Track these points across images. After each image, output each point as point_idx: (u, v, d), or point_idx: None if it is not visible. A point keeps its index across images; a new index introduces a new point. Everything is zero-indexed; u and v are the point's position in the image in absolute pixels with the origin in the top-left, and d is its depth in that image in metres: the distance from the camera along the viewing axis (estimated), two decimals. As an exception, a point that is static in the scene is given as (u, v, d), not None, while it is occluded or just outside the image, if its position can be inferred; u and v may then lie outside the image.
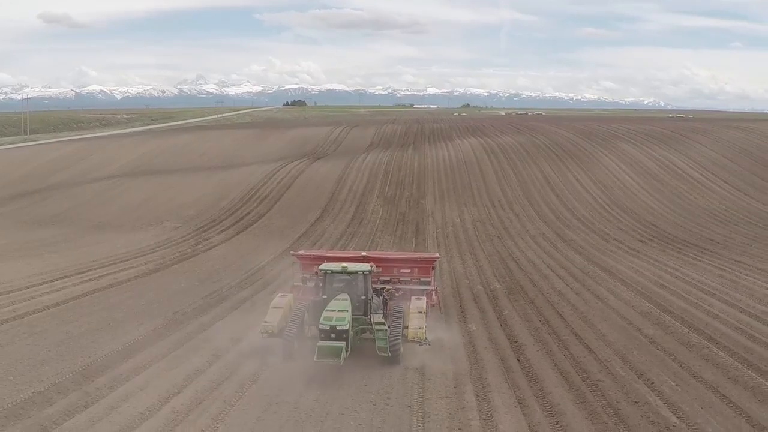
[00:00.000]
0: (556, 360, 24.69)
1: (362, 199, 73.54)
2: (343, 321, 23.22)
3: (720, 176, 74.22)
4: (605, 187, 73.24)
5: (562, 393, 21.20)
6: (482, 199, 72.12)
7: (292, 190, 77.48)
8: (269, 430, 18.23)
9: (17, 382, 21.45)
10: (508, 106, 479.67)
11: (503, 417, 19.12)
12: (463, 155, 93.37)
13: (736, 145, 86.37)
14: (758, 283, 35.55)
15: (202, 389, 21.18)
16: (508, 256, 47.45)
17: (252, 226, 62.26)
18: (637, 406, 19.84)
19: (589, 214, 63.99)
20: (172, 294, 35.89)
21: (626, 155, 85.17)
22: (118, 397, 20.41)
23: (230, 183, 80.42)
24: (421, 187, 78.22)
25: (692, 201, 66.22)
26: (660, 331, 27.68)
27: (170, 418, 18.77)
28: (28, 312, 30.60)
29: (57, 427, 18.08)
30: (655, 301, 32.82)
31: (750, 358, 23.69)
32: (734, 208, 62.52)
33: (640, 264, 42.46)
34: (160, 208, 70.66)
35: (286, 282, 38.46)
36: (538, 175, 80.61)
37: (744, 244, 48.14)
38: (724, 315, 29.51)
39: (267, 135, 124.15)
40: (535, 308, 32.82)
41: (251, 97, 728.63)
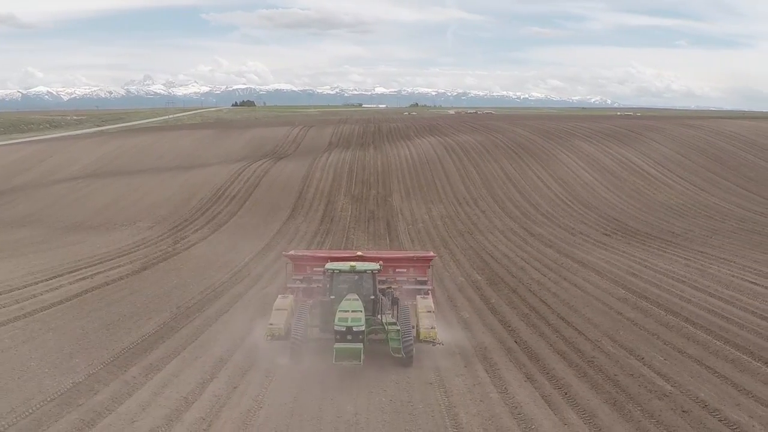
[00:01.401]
0: (551, 341, 26.76)
1: (330, 197, 75.08)
2: (359, 322, 22.88)
3: (675, 172, 77.44)
4: (566, 184, 75.84)
5: (563, 369, 23.28)
6: (448, 197, 74.14)
7: (259, 189, 78.65)
8: (308, 407, 19.82)
9: (54, 373, 22.62)
10: (456, 105, 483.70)
11: (517, 390, 21.10)
12: (424, 154, 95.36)
13: (689, 143, 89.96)
14: (723, 271, 38.11)
15: (233, 375, 22.69)
16: (482, 250, 49.41)
17: (225, 225, 63.28)
18: (633, 378, 22.00)
19: (553, 209, 66.40)
20: (168, 290, 37.08)
21: (583, 153, 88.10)
22: (157, 384, 21.82)
23: (197, 183, 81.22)
24: (387, 186, 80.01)
25: (650, 196, 69.16)
26: (640, 315, 29.96)
27: (213, 401, 20.28)
28: (36, 310, 31.52)
29: (110, 412, 19.39)
30: (629, 288, 35.12)
31: (726, 335, 26.05)
32: (691, 203, 65.56)
33: (609, 255, 44.79)
34: (130, 208, 71.28)
35: (274, 278, 40.73)
36: (500, 172, 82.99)
37: (704, 237, 50.87)
38: (696, 299, 31.90)
39: (225, 135, 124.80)
40: (519, 297, 34.86)
41: (199, 97, 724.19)
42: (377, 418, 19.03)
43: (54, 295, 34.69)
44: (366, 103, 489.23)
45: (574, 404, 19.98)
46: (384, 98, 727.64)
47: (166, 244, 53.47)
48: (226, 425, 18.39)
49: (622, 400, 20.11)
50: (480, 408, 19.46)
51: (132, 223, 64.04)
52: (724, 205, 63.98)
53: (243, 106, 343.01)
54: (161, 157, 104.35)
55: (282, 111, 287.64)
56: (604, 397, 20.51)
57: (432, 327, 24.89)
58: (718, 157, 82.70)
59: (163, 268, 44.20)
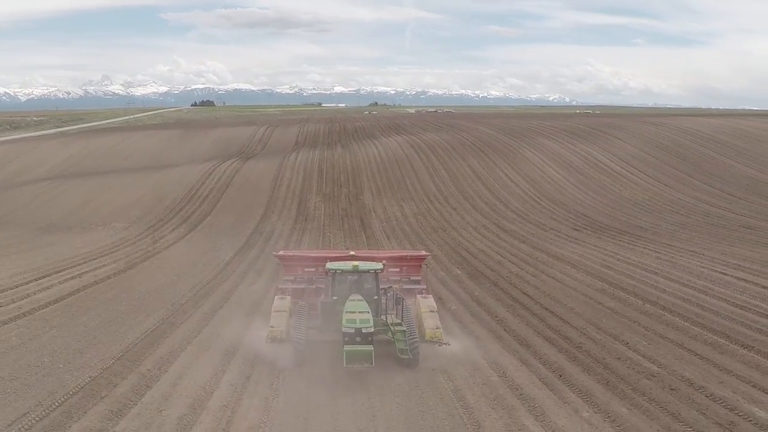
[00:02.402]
0: (538, 329, 28.24)
1: (302, 196, 75.99)
2: (368, 323, 22.39)
3: (640, 169, 79.75)
4: (533, 181, 77.65)
5: (554, 354, 24.76)
6: (418, 194, 75.49)
7: (231, 189, 79.27)
8: (324, 392, 20.93)
9: (69, 369, 23.44)
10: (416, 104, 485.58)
11: (515, 373, 22.52)
12: (392, 152, 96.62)
13: (652, 140, 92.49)
14: (693, 262, 40.00)
15: (243, 366, 23.64)
16: (458, 246, 50.77)
17: (201, 225, 63.84)
18: (621, 361, 23.55)
19: (522, 206, 68.10)
20: (157, 288, 37.80)
21: (549, 150, 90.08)
22: (173, 376, 22.81)
23: (168, 183, 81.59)
24: (358, 184, 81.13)
25: (617, 192, 71.25)
26: (619, 304, 31.61)
27: (232, 389, 21.34)
28: (34, 309, 32.13)
29: (135, 403, 20.33)
30: (605, 279, 36.80)
31: (703, 321, 27.81)
32: (657, 199, 67.72)
33: (582, 250, 46.52)
34: (104, 209, 71.44)
35: (259, 275, 41.81)
36: (468, 170, 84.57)
37: (672, 231, 52.86)
38: (671, 289, 33.65)
39: (191, 135, 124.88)
40: (501, 289, 36.29)
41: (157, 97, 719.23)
42: (390, 401, 20.18)
43: (48, 294, 35.29)
44: (325, 103, 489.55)
45: (570, 385, 21.45)
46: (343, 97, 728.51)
47: (146, 244, 53.98)
48: (250, 411, 19.42)
49: (614, 381, 21.63)
50: (484, 390, 20.78)
51: (107, 224, 64.32)
52: (689, 200, 66.25)
53: (203, 106, 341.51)
54: (128, 158, 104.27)
55: (242, 111, 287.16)
56: (597, 378, 22.01)
57: (437, 327, 24.80)
58: (681, 154, 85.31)
59: (147, 267, 44.83)
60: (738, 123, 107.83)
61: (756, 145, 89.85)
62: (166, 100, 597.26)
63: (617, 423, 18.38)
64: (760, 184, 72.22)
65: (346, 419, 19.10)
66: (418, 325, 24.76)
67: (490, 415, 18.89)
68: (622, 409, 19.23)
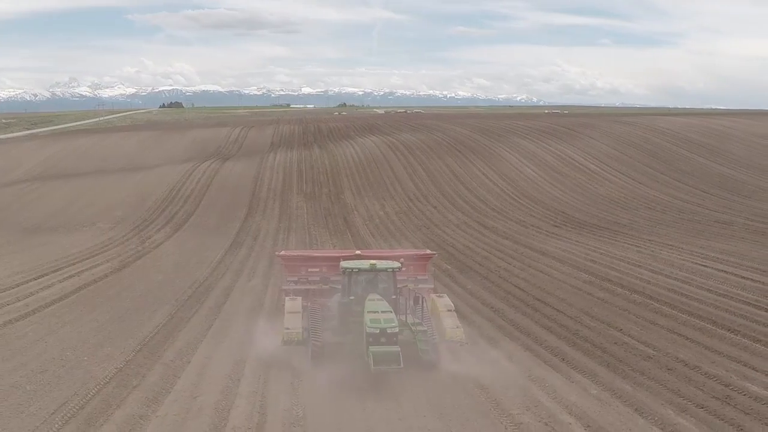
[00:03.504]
0: (535, 319, 29.76)
1: (283, 196, 77.01)
2: (392, 322, 21.84)
3: (614, 167, 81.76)
4: (510, 180, 79.30)
5: (554, 340, 26.31)
6: (398, 193, 76.79)
7: (212, 189, 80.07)
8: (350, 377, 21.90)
9: (95, 361, 24.58)
10: (383, 105, 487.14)
11: (521, 357, 24.06)
12: (370, 152, 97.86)
13: (625, 139, 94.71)
14: (674, 255, 41.82)
15: (263, 354, 24.66)
16: (443, 242, 52.10)
17: (186, 224, 64.61)
18: (618, 345, 25.15)
19: (501, 204, 69.68)
20: (157, 286, 38.82)
21: (525, 150, 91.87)
22: (197, 365, 24.05)
23: (149, 184, 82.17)
24: (338, 184, 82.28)
25: (593, 190, 73.13)
26: (608, 294, 33.24)
27: (257, 376, 22.55)
28: (42, 306, 33.07)
29: (168, 391, 21.50)
30: (591, 272, 38.42)
31: (689, 309, 29.54)
32: (632, 196, 69.66)
33: (565, 245, 48.12)
34: (87, 210, 71.84)
35: (253, 272, 42.93)
36: (446, 170, 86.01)
37: (649, 227, 54.69)
38: (655, 280, 35.36)
39: (167, 137, 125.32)
40: (492, 283, 37.74)
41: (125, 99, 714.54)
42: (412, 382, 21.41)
43: (51, 293, 36.19)
44: (293, 104, 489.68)
45: (574, 367, 22.99)
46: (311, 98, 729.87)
47: (134, 244, 54.76)
48: (280, 396, 20.57)
49: (614, 363, 23.21)
50: (495, 372, 22.14)
51: (92, 225, 64.80)
52: (664, 197, 68.28)
53: (171, 108, 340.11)
54: (105, 159, 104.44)
55: (211, 112, 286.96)
56: (598, 360, 23.59)
57: (457, 326, 24.04)
58: (653, 152, 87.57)
59: (141, 266, 45.70)
60: (707, 122, 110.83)
61: (725, 143, 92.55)
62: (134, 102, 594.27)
63: (623, 399, 19.91)
64: (731, 181, 74.63)
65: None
66: (437, 324, 24.05)
67: (506, 393, 20.28)
68: (627, 387, 20.80)
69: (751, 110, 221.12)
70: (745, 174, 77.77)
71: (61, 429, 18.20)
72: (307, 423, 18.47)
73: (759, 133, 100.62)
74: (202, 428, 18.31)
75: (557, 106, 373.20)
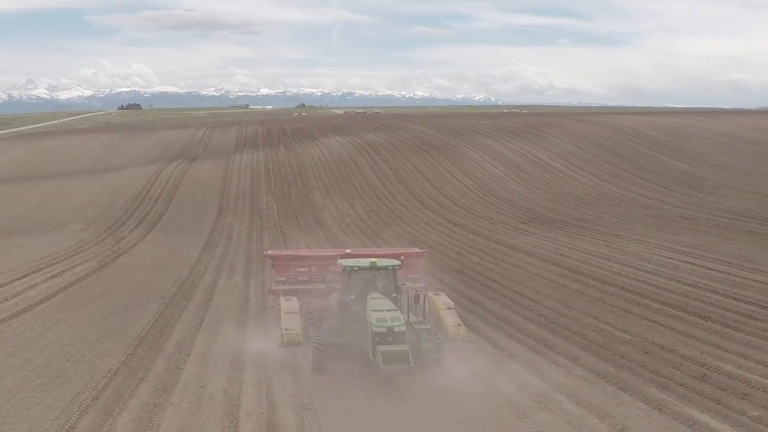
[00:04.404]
0: (514, 309, 31.20)
1: (252, 196, 77.68)
2: (399, 321, 21.60)
3: (578, 165, 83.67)
4: (476, 178, 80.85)
5: (535, 328, 27.77)
6: (366, 192, 77.93)
7: (181, 189, 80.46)
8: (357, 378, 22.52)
9: (97, 355, 25.28)
10: (342, 105, 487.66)
11: (506, 344, 25.51)
12: (336, 152, 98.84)
13: (587, 137, 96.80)
14: (641, 249, 43.61)
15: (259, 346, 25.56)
16: (415, 239, 53.18)
17: (158, 225, 64.93)
18: (596, 332, 26.72)
19: (468, 202, 71.14)
20: (141, 284, 39.40)
21: (489, 148, 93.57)
22: (198, 357, 25.08)
23: (117, 185, 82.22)
24: (306, 184, 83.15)
25: (557, 188, 74.91)
26: (581, 286, 34.82)
27: (259, 366, 23.52)
28: (31, 305, 33.46)
29: (176, 382, 22.35)
30: (563, 266, 40.00)
31: (660, 298, 31.25)
32: (596, 193, 71.51)
33: (534, 240, 49.68)
34: (57, 211, 71.75)
35: (233, 270, 43.83)
36: (412, 169, 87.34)
37: (614, 222, 56.48)
38: (625, 272, 37.05)
39: (132, 138, 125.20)
40: (468, 277, 39.10)
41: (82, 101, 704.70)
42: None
43: (38, 292, 36.62)
44: (252, 104, 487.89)
45: (557, 352, 24.49)
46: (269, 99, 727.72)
47: (109, 244, 55.09)
48: (285, 385, 21.61)
49: (595, 348, 24.73)
50: (484, 358, 23.47)
51: (64, 226, 64.87)
52: (627, 194, 70.25)
53: (130, 110, 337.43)
54: (71, 161, 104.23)
55: (171, 113, 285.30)
56: (579, 345, 25.10)
57: (459, 324, 23.77)
58: (616, 150, 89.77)
59: (121, 266, 46.18)
60: (669, 120, 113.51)
61: (686, 141, 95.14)
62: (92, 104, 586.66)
63: (608, 379, 21.42)
64: (692, 177, 76.95)
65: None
66: (438, 323, 23.88)
67: (497, 377, 21.62)
68: (610, 368, 22.33)
69: (709, 109, 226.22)
70: (706, 171, 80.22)
71: (80, 419, 18.98)
72: (315, 407, 19.55)
73: (719, 131, 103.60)
74: (216, 414, 19.34)
75: (516, 105, 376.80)
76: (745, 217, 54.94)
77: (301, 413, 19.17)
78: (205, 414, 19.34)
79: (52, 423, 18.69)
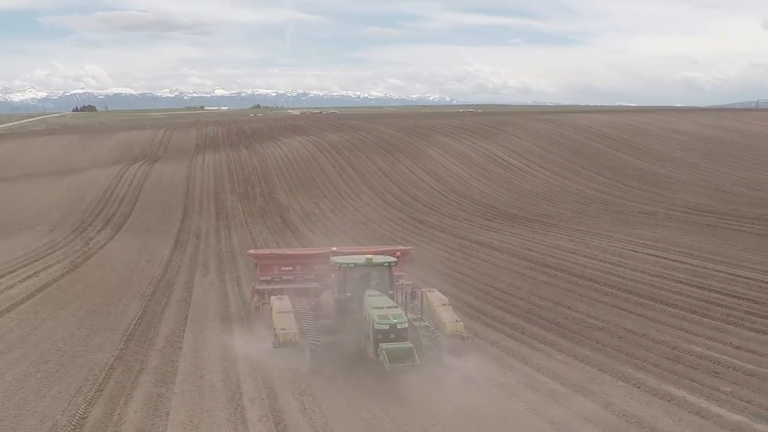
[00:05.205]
0: (488, 301, 32.56)
1: (217, 196, 78.14)
2: (401, 318, 21.41)
3: (537, 163, 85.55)
4: (438, 177, 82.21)
5: (511, 318, 29.15)
6: (330, 192, 78.86)
7: (146, 190, 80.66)
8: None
9: (91, 350, 25.84)
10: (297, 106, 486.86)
11: (486, 332, 26.83)
12: (297, 152, 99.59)
13: (546, 136, 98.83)
14: (604, 243, 45.37)
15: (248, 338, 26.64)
16: (383, 237, 54.21)
17: (125, 225, 65.11)
18: (570, 320, 28.23)
19: (431, 200, 72.45)
20: (118, 283, 39.78)
21: (449, 147, 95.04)
22: (190, 349, 25.92)
23: (81, 186, 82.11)
24: (270, 183, 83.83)
25: (518, 185, 76.67)
26: (551, 278, 36.37)
27: (253, 356, 24.35)
28: (14, 304, 33.62)
29: (174, 373, 23.13)
30: (530, 259, 41.53)
31: (627, 288, 32.97)
32: (557, 190, 73.38)
33: (500, 236, 51.19)
34: (21, 213, 71.33)
35: (206, 268, 44.56)
36: (374, 168, 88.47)
37: (576, 218, 58.27)
38: (591, 265, 38.72)
39: (92, 140, 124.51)
40: (439, 272, 39.83)
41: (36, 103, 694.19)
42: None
43: (17, 292, 36.85)
44: (207, 106, 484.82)
45: (535, 338, 25.92)
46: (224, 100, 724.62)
47: (78, 245, 55.18)
48: (282, 373, 22.42)
49: (570, 334, 26.21)
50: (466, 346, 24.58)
51: (30, 228, 64.62)
52: (587, 191, 72.25)
53: (85, 111, 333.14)
54: (32, 163, 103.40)
55: (127, 115, 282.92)
56: (555, 332, 26.53)
57: (457, 320, 23.82)
58: (573, 148, 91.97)
59: (94, 266, 46.41)
60: (624, 118, 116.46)
61: (643, 139, 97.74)
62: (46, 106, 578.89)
63: (586, 361, 22.87)
64: (649, 174, 79.31)
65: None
66: (435, 319, 23.91)
67: (483, 363, 22.75)
68: (587, 352, 23.78)
69: (661, 107, 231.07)
70: (663, 167, 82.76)
71: (88, 409, 19.71)
72: (314, 393, 20.56)
73: (674, 129, 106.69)
74: (221, 400, 20.29)
75: (471, 105, 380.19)
76: (703, 212, 57.24)
77: (302, 398, 20.14)
78: (209, 401, 20.24)
79: (63, 413, 19.40)
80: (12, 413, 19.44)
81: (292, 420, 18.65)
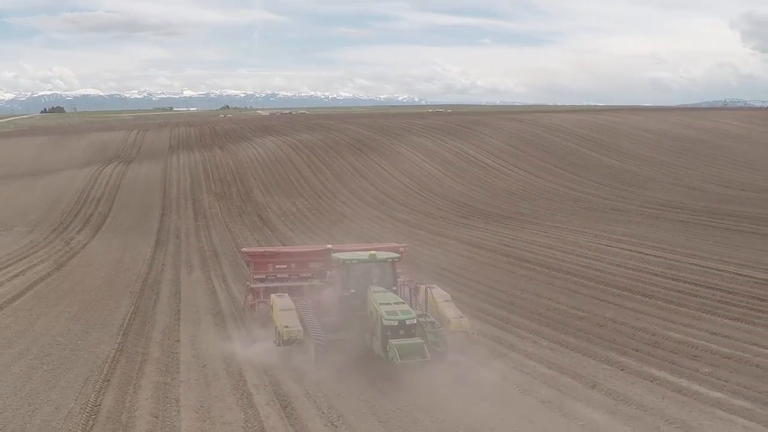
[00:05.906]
0: (470, 294, 33.51)
1: (194, 196, 78.84)
2: (410, 314, 21.44)
3: (510, 162, 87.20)
4: (412, 176, 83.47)
5: (495, 309, 30.32)
6: (306, 191, 79.84)
7: (122, 191, 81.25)
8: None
9: (91, 344, 26.52)
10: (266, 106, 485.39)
11: (472, 323, 27.45)
12: (272, 152, 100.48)
13: (518, 135, 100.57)
14: (580, 239, 46.81)
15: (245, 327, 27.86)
16: (362, 235, 54.84)
17: (104, 225, 65.68)
18: (552, 311, 29.49)
19: (407, 198, 73.68)
20: (106, 281, 40.56)
21: (422, 147, 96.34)
22: (187, 343, 26.62)
23: (57, 187, 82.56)
24: (246, 183, 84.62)
25: (492, 183, 78.16)
26: (530, 272, 37.65)
27: (246, 347, 25.37)
28: (6, 302, 34.08)
29: (177, 364, 23.93)
30: (509, 255, 42.82)
31: (605, 280, 34.42)
32: (530, 188, 74.99)
33: (477, 233, 52.46)
34: (-1, 215, 71.79)
35: (191, 267, 45.33)
36: (348, 167, 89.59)
37: (550, 215, 59.74)
38: (568, 259, 40.10)
39: (65, 141, 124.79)
40: (420, 267, 40.47)
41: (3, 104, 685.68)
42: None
43: (7, 290, 37.34)
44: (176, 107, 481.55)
45: (520, 327, 27.15)
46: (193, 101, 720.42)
47: (59, 245, 55.65)
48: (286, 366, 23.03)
49: (553, 324, 27.44)
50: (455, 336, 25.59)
51: (9, 228, 64.76)
52: (560, 189, 73.90)
53: (54, 113, 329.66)
54: (5, 164, 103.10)
55: (96, 116, 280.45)
56: (539, 323, 27.75)
57: (461, 316, 23.75)
58: (545, 147, 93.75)
59: (78, 265, 46.97)
60: (594, 118, 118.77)
61: (613, 138, 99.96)
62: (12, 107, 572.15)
63: (571, 348, 24.12)
64: (620, 172, 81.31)
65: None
66: (438, 315, 23.75)
67: (473, 350, 23.80)
68: (570, 339, 25.06)
69: (630, 106, 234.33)
70: (634, 166, 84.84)
71: (99, 397, 20.48)
72: (316, 378, 21.52)
73: (644, 128, 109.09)
74: (227, 387, 21.21)
75: (440, 105, 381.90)
76: (674, 208, 59.05)
77: (305, 385, 21.11)
78: (216, 388, 21.14)
79: (76, 401, 20.17)
80: (26, 402, 20.17)
81: (298, 403, 19.62)
